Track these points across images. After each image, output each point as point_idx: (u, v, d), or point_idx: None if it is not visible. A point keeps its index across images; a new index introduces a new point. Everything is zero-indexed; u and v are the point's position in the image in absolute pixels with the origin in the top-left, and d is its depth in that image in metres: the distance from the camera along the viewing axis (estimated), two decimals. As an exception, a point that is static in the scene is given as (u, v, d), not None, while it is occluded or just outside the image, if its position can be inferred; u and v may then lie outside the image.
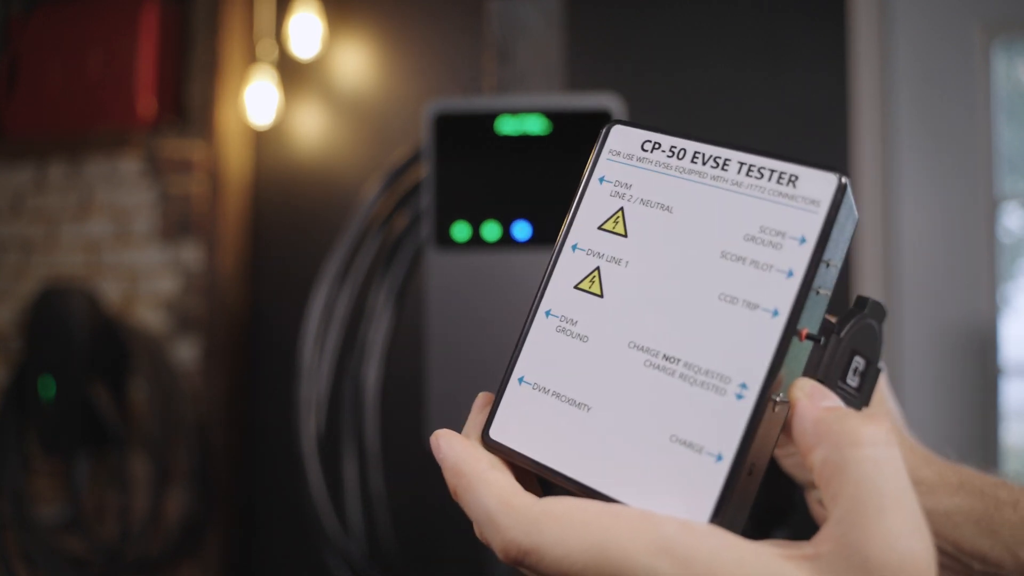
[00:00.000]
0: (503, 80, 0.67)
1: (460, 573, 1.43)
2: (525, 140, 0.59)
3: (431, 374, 0.60)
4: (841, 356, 0.28)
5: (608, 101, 0.59)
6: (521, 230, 0.59)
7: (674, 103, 1.49)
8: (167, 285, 1.68)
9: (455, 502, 0.26)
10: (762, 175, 0.26)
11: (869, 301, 0.29)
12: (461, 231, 0.60)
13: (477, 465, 0.26)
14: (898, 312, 1.37)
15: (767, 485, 0.28)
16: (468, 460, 0.26)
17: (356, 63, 1.69)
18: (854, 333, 0.28)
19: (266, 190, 1.74)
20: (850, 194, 0.25)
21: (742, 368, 0.24)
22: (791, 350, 0.25)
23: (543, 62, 0.67)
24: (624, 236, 0.28)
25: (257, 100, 1.64)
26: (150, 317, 1.68)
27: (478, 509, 0.25)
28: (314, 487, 0.70)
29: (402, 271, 0.73)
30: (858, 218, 0.27)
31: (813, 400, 0.24)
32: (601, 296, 0.27)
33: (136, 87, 1.63)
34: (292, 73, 1.70)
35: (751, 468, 0.25)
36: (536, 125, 0.59)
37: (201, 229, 1.67)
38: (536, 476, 0.28)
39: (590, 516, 0.23)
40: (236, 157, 1.70)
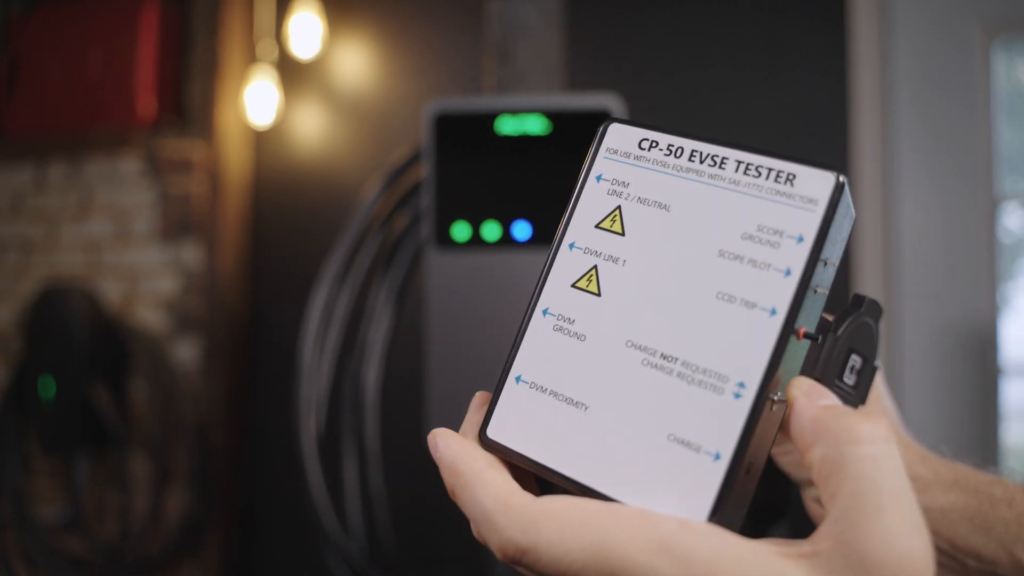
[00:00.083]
0: (503, 80, 0.67)
1: (460, 573, 1.43)
2: (525, 140, 0.59)
3: (431, 374, 0.60)
4: (838, 354, 0.28)
5: (608, 101, 0.59)
6: (521, 230, 0.59)
7: (674, 103, 1.49)
8: (167, 285, 1.68)
9: (454, 502, 0.26)
10: (760, 174, 0.26)
11: (865, 299, 0.29)
12: (461, 231, 0.60)
13: (474, 464, 0.26)
14: (898, 312, 1.37)
15: (764, 484, 0.28)
16: (465, 459, 0.26)
17: (356, 63, 1.69)
18: (851, 331, 0.28)
19: (266, 190, 1.74)
20: (848, 193, 0.25)
21: (740, 367, 0.24)
22: (789, 349, 0.24)
23: (543, 62, 0.67)
24: (621, 235, 0.28)
25: (257, 100, 1.64)
26: (150, 317, 1.68)
27: (475, 508, 0.25)
28: (314, 487, 0.70)
29: (402, 271, 0.73)
30: (855, 217, 0.27)
31: (811, 398, 0.24)
32: (599, 295, 0.27)
33: (136, 87, 1.63)
34: (292, 73, 1.70)
35: (749, 467, 0.25)
36: (536, 125, 0.59)
37: (201, 229, 1.67)
38: (534, 475, 0.28)
39: (588, 515, 0.23)
40: (236, 157, 1.70)
